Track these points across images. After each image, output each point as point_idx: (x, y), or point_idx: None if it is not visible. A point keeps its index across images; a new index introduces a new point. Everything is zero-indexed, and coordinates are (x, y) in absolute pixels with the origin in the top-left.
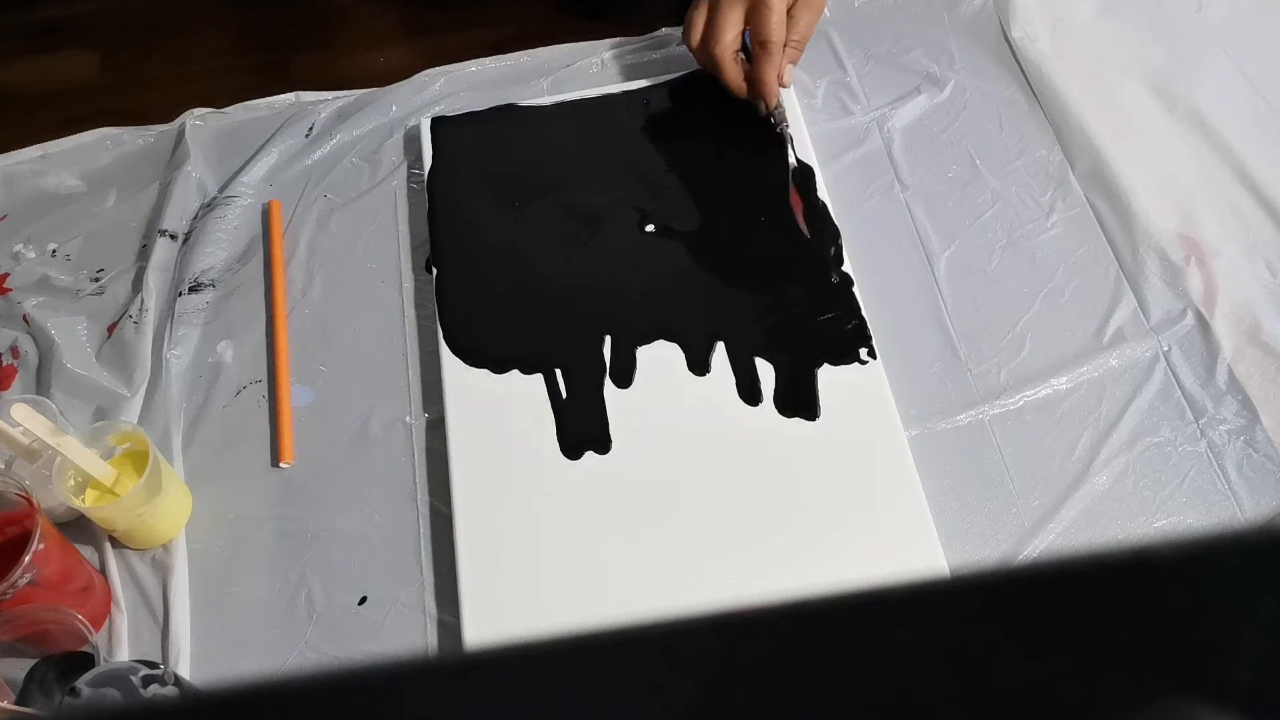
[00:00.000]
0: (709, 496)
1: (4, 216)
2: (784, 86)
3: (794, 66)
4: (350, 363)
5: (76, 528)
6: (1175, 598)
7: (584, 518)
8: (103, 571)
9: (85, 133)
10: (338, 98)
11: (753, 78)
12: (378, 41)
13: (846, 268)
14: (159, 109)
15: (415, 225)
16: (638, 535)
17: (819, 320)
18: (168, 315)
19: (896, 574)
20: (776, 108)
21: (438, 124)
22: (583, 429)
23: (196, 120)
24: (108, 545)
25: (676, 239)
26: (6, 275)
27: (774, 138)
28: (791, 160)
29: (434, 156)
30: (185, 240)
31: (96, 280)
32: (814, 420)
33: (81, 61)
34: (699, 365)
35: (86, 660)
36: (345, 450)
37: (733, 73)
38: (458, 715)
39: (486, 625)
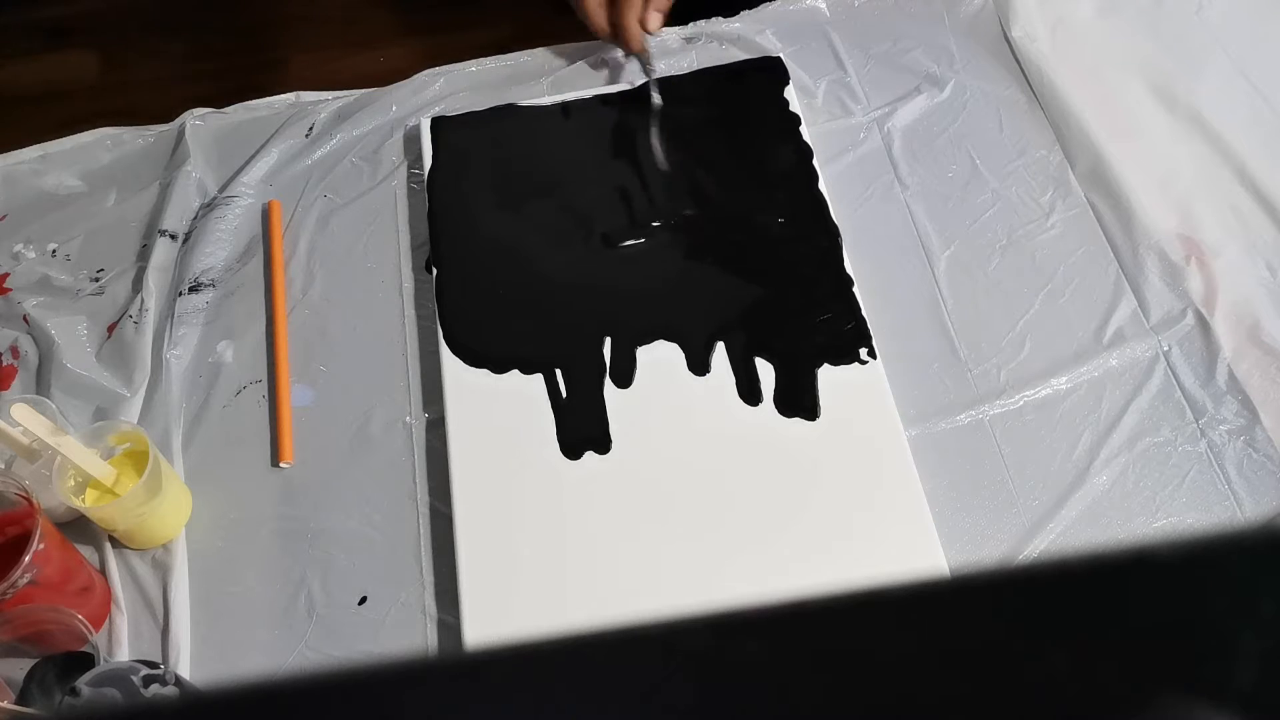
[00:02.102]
0: (709, 497)
1: (4, 216)
2: (650, 33)
3: (660, 15)
4: (350, 363)
5: (76, 528)
6: (1175, 598)
7: (584, 518)
8: (103, 571)
9: (85, 133)
10: (338, 98)
11: (615, 22)
12: (378, 41)
13: (846, 268)
14: (159, 109)
15: (415, 225)
16: (637, 535)
17: (819, 320)
18: (168, 315)
19: (896, 574)
20: (641, 53)
21: (438, 124)
22: (583, 429)
23: (196, 120)
24: (108, 545)
25: (676, 238)
26: (6, 275)
27: (776, 137)
28: (655, 101)
29: (434, 156)
30: (185, 240)
31: (96, 280)
32: (814, 420)
33: (81, 61)
34: (699, 365)
35: (86, 660)
36: (345, 450)
37: (596, 15)
38: (458, 715)
39: (486, 625)
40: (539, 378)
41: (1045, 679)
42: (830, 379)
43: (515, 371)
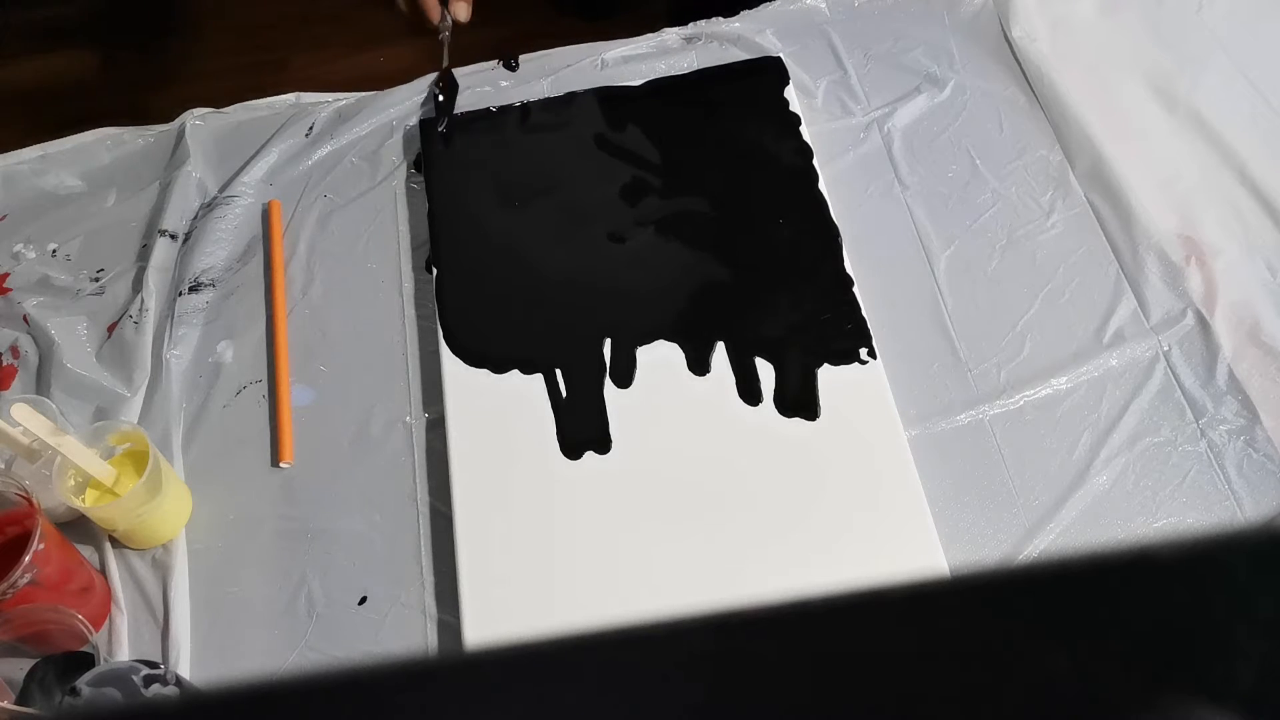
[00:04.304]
0: (708, 497)
1: (4, 216)
2: (456, 19)
3: (468, 4)
4: (350, 363)
5: (76, 528)
6: (1175, 598)
7: (584, 518)
8: (103, 571)
9: (85, 133)
10: (338, 98)
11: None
12: (378, 41)
13: (846, 267)
14: (159, 109)
15: (415, 225)
16: (637, 535)
17: (819, 320)
18: (168, 315)
19: (896, 574)
20: (439, 31)
21: (432, 125)
22: (583, 429)
23: (196, 120)
24: (108, 545)
25: (677, 239)
26: (6, 275)
27: (776, 137)
28: (436, 99)
29: (433, 156)
30: (185, 240)
31: (96, 280)
32: (814, 420)
33: (81, 61)
34: (699, 365)
35: (86, 660)
36: (345, 450)
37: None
38: (458, 715)
39: (486, 625)
40: (539, 378)
41: (1045, 679)
42: (830, 379)
43: (515, 371)
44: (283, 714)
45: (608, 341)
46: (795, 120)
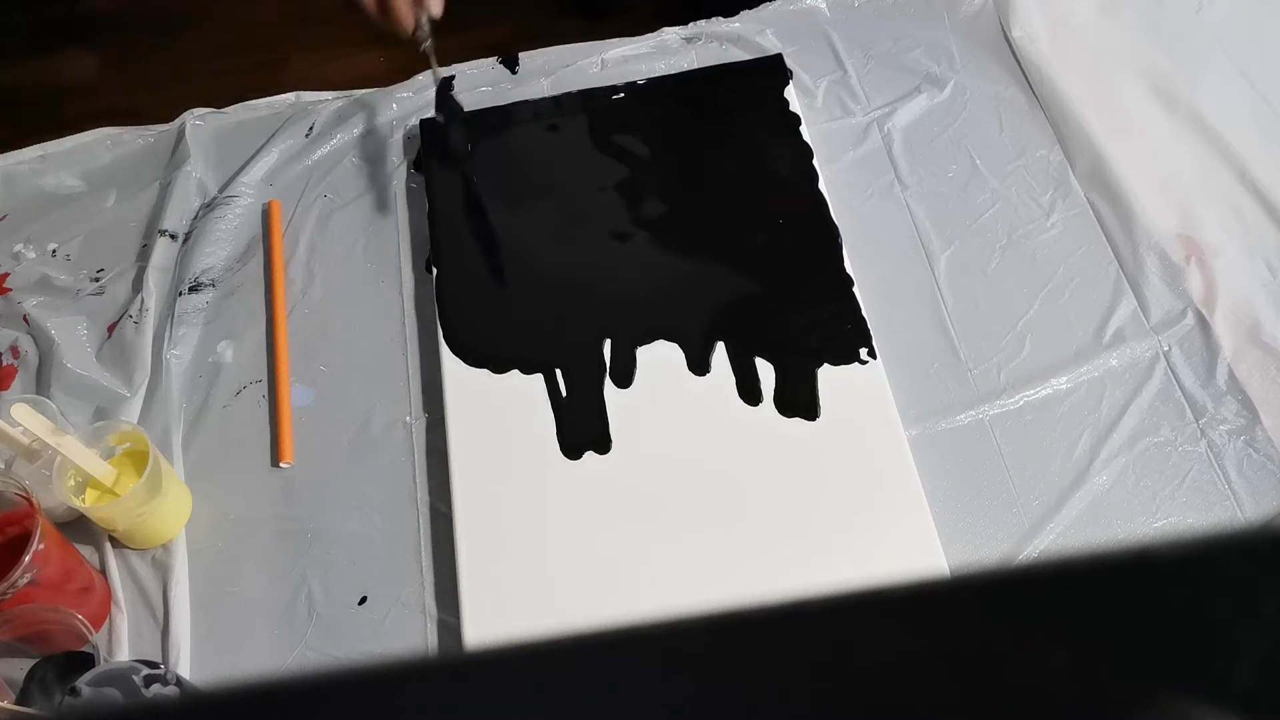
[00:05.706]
0: (708, 497)
1: (4, 216)
2: (432, 17)
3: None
4: (350, 363)
5: (76, 528)
6: (1175, 598)
7: (584, 518)
8: (103, 571)
9: (85, 133)
10: (338, 98)
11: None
12: (378, 41)
13: (847, 267)
14: (159, 109)
15: (415, 225)
16: (637, 535)
17: (819, 320)
18: (168, 315)
19: (897, 574)
20: (416, 39)
21: (436, 125)
22: (583, 429)
23: (196, 120)
24: (108, 545)
25: (676, 238)
26: (6, 275)
27: (776, 137)
28: (441, 114)
29: (433, 157)
30: (185, 240)
31: (96, 280)
32: (814, 420)
33: (81, 61)
34: (699, 365)
35: (86, 660)
36: (345, 450)
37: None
38: (458, 715)
39: (486, 625)
40: (539, 378)
41: (1045, 679)
42: (830, 379)
43: (515, 371)
44: (283, 714)
45: (608, 341)
46: (795, 120)
